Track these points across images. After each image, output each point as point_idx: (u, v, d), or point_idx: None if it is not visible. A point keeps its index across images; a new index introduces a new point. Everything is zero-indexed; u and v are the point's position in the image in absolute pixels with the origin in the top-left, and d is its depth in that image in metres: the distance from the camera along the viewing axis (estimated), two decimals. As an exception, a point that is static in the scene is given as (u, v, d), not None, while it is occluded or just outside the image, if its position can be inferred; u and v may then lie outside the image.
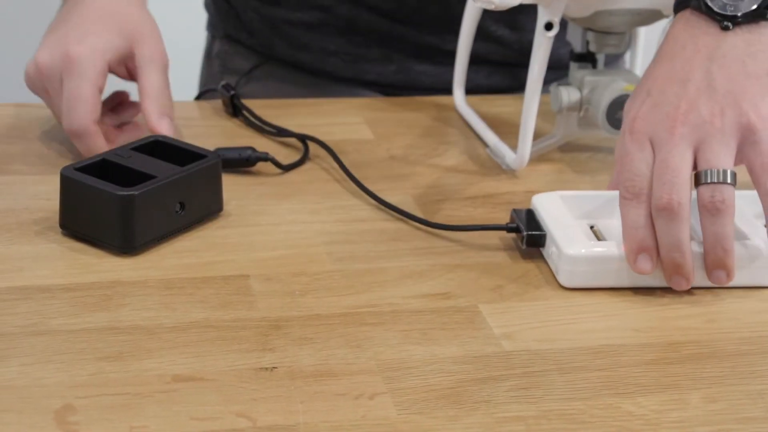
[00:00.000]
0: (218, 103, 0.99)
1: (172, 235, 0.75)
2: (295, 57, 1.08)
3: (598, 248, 0.73)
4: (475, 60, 0.99)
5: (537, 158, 0.91)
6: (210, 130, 0.94)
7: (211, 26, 1.17)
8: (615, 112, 0.88)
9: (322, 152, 0.89)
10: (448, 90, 1.01)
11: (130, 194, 0.72)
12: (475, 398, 0.61)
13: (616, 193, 0.79)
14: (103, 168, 0.76)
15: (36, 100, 0.89)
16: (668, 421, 0.60)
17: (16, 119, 0.93)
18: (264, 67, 1.11)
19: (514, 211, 0.78)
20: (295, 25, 1.07)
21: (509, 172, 0.89)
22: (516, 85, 1.05)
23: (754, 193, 0.80)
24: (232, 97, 0.96)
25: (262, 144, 0.91)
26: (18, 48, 1.80)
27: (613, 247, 0.73)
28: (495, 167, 0.90)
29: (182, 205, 0.75)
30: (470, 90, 1.00)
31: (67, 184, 0.74)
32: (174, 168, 0.76)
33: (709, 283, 0.73)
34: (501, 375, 0.63)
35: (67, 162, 0.85)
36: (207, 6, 1.18)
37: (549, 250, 0.75)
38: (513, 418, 0.60)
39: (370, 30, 1.05)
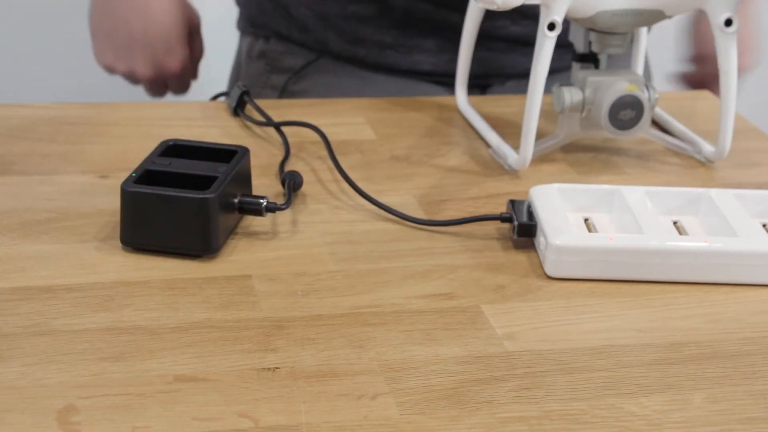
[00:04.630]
0: (214, 103, 0.99)
1: (233, 231, 0.76)
2: (351, 51, 1.08)
3: (584, 239, 0.74)
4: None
5: (539, 158, 0.92)
6: (211, 131, 0.94)
7: (253, 26, 1.16)
8: (617, 113, 0.88)
9: (324, 153, 0.89)
10: (498, 75, 1.00)
11: (208, 197, 0.72)
12: (477, 399, 0.61)
13: (614, 186, 0.80)
14: (152, 178, 0.75)
15: (37, 100, 0.89)
16: (670, 421, 0.60)
17: (19, 119, 0.93)
18: (316, 63, 1.11)
19: (511, 201, 0.78)
20: (350, 19, 1.07)
21: (511, 173, 0.89)
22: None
23: (756, 192, 0.81)
24: (243, 94, 0.96)
25: (263, 141, 0.91)
26: (18, 48, 1.81)
27: (599, 239, 0.74)
28: (497, 167, 0.90)
29: (239, 200, 0.76)
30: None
31: (133, 198, 0.73)
32: (221, 166, 0.76)
33: (711, 281, 0.74)
34: (503, 375, 0.63)
35: (69, 163, 0.86)
36: (244, 5, 1.17)
37: (538, 240, 0.76)
38: (515, 419, 0.60)
39: (426, 20, 1.05)
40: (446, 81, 1.07)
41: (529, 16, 1.05)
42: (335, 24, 1.08)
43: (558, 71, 0.95)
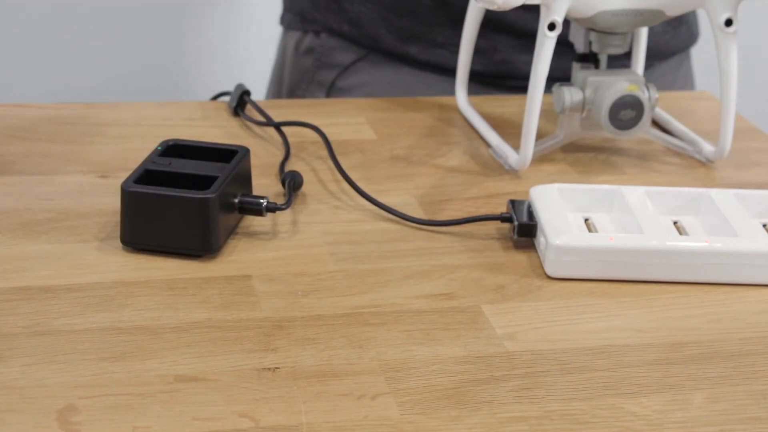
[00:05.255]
0: (215, 103, 0.99)
1: (234, 231, 0.77)
2: (402, 49, 1.08)
3: (584, 239, 0.74)
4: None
5: (539, 158, 0.92)
6: (212, 131, 0.94)
7: (302, 21, 1.15)
8: (618, 113, 0.88)
9: (325, 153, 0.89)
10: (549, 78, 0.97)
11: (208, 197, 0.72)
12: (477, 398, 0.61)
13: (614, 186, 0.80)
14: (152, 178, 0.75)
15: (37, 100, 0.89)
16: (671, 421, 0.60)
17: (19, 119, 0.93)
18: (366, 59, 1.11)
19: (511, 201, 0.78)
20: (404, 16, 1.07)
21: (512, 173, 0.89)
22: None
23: (756, 192, 0.81)
24: (243, 94, 0.96)
25: (264, 141, 0.91)
26: (18, 48, 1.81)
27: (599, 239, 0.74)
28: (497, 167, 0.90)
29: (239, 200, 0.76)
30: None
31: (133, 198, 0.73)
32: (221, 166, 0.76)
33: (711, 281, 0.74)
34: (503, 375, 0.63)
35: (69, 163, 0.86)
36: (294, 1, 1.16)
37: (538, 240, 0.76)
38: (515, 419, 0.60)
39: (481, 20, 1.04)
40: (496, 82, 1.06)
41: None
42: (388, 20, 1.07)
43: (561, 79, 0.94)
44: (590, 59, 0.92)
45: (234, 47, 1.83)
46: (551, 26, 0.83)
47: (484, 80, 1.07)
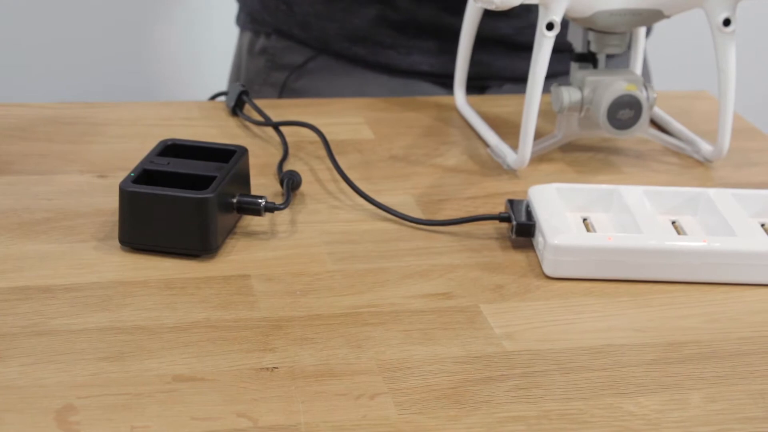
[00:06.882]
0: (213, 103, 0.99)
1: (232, 231, 0.77)
2: (351, 50, 1.09)
3: (583, 239, 0.74)
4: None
5: (538, 158, 0.92)
6: (210, 130, 0.94)
7: (253, 22, 1.16)
8: (616, 113, 0.88)
9: (323, 152, 0.89)
10: (494, 77, 0.98)
11: (206, 197, 0.72)
12: (475, 398, 0.61)
13: (612, 186, 0.80)
14: (151, 178, 0.75)
15: (37, 100, 0.89)
16: (669, 421, 0.60)
17: (18, 119, 0.93)
18: (316, 60, 1.12)
19: (509, 201, 0.78)
20: (352, 19, 1.08)
21: (510, 172, 0.89)
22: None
23: (754, 192, 0.81)
24: (241, 93, 0.96)
25: (262, 141, 0.91)
26: (18, 48, 1.81)
27: (597, 239, 0.74)
28: (496, 167, 0.90)
29: (237, 200, 0.76)
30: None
31: (131, 198, 0.72)
32: (219, 165, 0.76)
33: (709, 280, 0.74)
34: (502, 375, 0.64)
35: (67, 163, 0.86)
36: (245, 1, 1.17)
37: (537, 240, 0.76)
38: (514, 418, 0.60)
39: (427, 23, 1.05)
40: (445, 82, 1.08)
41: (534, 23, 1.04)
42: (337, 22, 1.08)
43: (557, 75, 0.95)
44: (588, 59, 0.92)
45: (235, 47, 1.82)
46: (549, 26, 0.83)
47: (436, 80, 1.08)
